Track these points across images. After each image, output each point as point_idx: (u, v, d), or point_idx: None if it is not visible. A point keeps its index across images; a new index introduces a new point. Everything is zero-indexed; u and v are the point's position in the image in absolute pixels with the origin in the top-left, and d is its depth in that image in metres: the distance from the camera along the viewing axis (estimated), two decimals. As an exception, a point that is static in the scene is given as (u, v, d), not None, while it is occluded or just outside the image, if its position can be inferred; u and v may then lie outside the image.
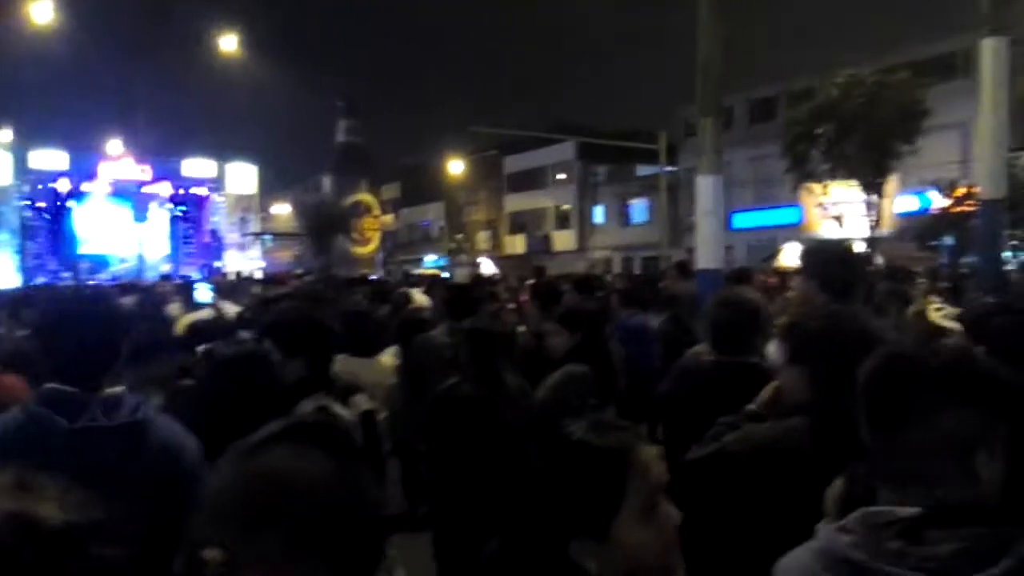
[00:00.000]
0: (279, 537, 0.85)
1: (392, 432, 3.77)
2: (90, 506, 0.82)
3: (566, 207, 45.23)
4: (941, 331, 2.34)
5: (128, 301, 7.57)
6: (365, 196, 37.54)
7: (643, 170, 40.78)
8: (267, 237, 35.48)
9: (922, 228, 15.48)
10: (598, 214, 43.76)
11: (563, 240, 44.79)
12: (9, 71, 39.32)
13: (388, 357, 5.26)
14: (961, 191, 14.14)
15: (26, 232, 27.09)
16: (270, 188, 34.86)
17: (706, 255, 6.78)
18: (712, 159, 6.68)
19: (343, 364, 4.53)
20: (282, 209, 49.18)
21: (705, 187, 6.68)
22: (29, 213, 27.39)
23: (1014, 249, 13.75)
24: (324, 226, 34.22)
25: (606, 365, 3.65)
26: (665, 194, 29.70)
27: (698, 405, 2.97)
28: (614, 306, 7.97)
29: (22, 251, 26.71)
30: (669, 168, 30.57)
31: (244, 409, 2.51)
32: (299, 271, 22.55)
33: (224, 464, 0.94)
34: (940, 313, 2.29)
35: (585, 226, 44.20)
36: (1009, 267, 9.29)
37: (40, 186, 27.39)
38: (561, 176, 45.17)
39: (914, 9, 64.23)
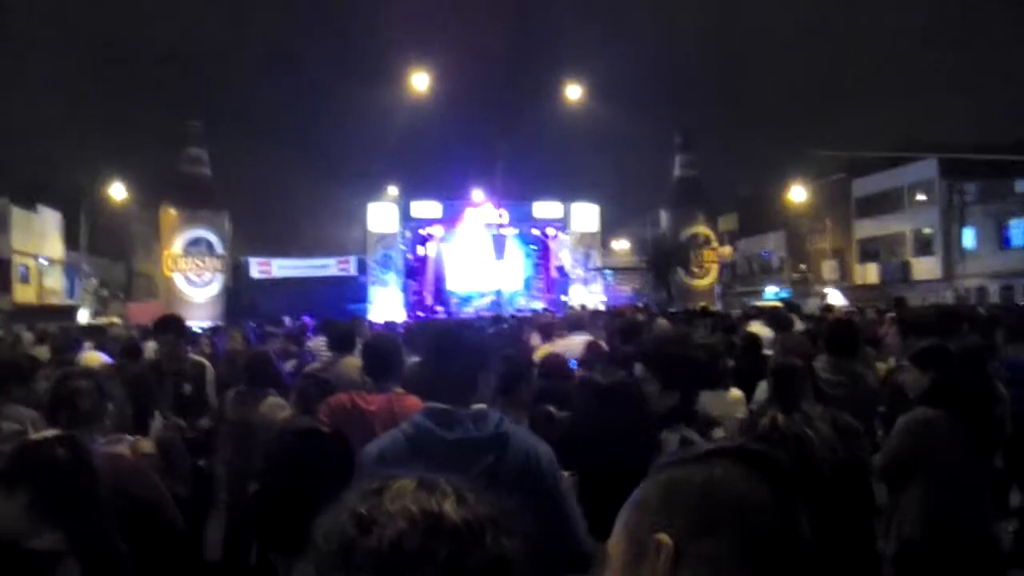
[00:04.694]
0: (719, 547, 0.88)
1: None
2: (484, 501, 0.86)
3: (927, 231, 40.60)
4: None
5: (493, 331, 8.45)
6: (702, 228, 37.28)
7: (1025, 185, 35.23)
8: (608, 272, 36.86)
9: None
10: (968, 237, 38.58)
11: (924, 268, 40.19)
12: (397, 137, 46.27)
13: (735, 391, 5.21)
14: None
15: (407, 272, 31.58)
16: (611, 224, 36.34)
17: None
18: None
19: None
20: (622, 244, 50.80)
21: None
22: (410, 256, 31.94)
23: None
24: (662, 259, 34.65)
25: (974, 409, 3.27)
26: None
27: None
28: (998, 342, 7.05)
29: (405, 289, 31.20)
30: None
31: (613, 435, 2.70)
32: (640, 304, 23.10)
33: (677, 465, 0.97)
34: None
35: (952, 251, 39.23)
36: None
37: (418, 231, 31.69)
38: (920, 197, 40.70)
39: None
